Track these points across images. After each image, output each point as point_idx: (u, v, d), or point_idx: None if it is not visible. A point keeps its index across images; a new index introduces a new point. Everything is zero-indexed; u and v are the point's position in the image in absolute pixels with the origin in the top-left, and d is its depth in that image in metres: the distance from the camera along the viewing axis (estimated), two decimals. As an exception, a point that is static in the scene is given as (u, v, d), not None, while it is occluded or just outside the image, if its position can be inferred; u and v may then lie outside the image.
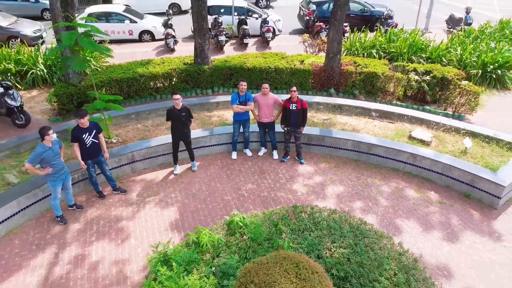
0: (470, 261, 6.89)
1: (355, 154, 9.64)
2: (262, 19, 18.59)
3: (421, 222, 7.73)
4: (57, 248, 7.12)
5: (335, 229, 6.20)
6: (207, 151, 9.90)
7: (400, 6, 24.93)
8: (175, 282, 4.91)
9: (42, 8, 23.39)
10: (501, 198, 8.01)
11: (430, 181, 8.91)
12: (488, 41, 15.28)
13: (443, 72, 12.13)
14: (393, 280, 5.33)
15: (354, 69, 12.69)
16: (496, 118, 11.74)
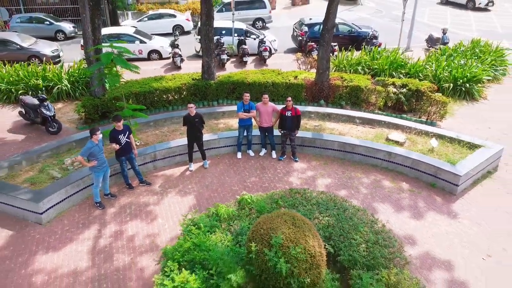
0: (431, 232, 8.66)
1: (341, 153, 11.45)
2: (260, 40, 20.62)
3: (393, 205, 9.51)
4: (99, 226, 8.82)
5: (322, 204, 7.95)
6: (216, 152, 11.68)
7: (385, 26, 27.12)
8: (202, 238, 6.62)
9: (56, 30, 25.36)
10: (459, 185, 9.82)
11: (403, 174, 10.73)
12: (459, 59, 17.33)
13: (417, 85, 14.08)
14: (365, 238, 7.07)
15: (341, 83, 14.60)
16: (462, 124, 13.64)
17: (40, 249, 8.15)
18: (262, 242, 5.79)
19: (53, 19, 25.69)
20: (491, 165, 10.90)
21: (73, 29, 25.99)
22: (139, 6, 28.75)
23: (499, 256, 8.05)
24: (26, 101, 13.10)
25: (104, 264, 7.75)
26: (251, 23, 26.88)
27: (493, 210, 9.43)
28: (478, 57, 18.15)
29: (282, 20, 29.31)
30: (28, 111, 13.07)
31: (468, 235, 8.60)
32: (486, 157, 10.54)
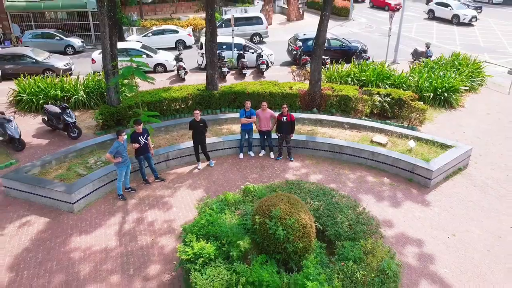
0: (406, 217, 10.18)
1: (331, 153, 13.01)
2: (257, 54, 22.32)
3: (375, 196, 11.04)
4: (122, 214, 10.29)
5: (313, 192, 9.44)
6: (220, 153, 13.20)
7: (374, 40, 28.95)
8: (215, 216, 8.11)
9: (65, 45, 26.98)
10: (432, 179, 11.38)
11: (384, 171, 12.29)
12: (439, 71, 19.06)
13: (400, 94, 15.74)
14: (348, 218, 8.56)
15: (331, 93, 16.23)
16: (440, 129, 15.26)
17: (74, 232, 9.60)
18: (264, 215, 7.29)
19: (62, 34, 27.33)
20: (461, 163, 12.49)
21: (81, 44, 27.63)
22: (144, 22, 30.49)
23: (462, 235, 9.58)
24: (50, 109, 14.62)
25: (129, 243, 9.21)
26: (249, 38, 28.63)
27: (460, 200, 10.99)
28: (457, 69, 19.89)
29: (278, 35, 31.10)
30: (51, 118, 14.57)
31: (437, 220, 10.13)
32: (456, 155, 12.14)
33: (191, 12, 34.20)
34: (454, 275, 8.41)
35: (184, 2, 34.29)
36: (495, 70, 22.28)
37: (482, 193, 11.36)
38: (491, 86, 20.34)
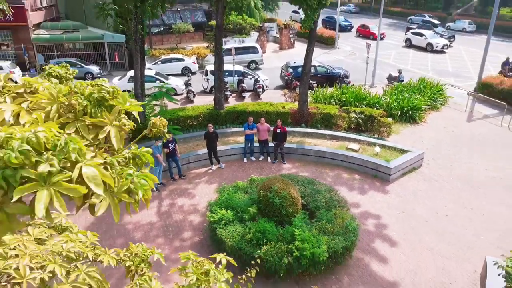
0: (369, 201, 13.75)
1: (315, 158, 16.62)
2: (254, 79, 26.15)
3: (348, 187, 14.62)
4: (158, 200, 13.77)
5: (300, 181, 12.97)
6: (228, 158, 16.76)
7: (357, 66, 32.92)
8: (231, 195, 11.62)
9: (85, 72, 30.64)
10: (391, 175, 15.01)
11: (356, 170, 15.89)
12: (407, 93, 22.96)
13: (371, 112, 19.51)
14: (325, 197, 12.08)
15: (316, 111, 19.94)
16: (404, 139, 18.94)
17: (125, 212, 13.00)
18: (266, 190, 10.83)
19: (82, 63, 31.08)
20: (415, 164, 16.16)
21: (99, 71, 31.33)
22: (153, 51, 34.37)
23: (409, 212, 13.16)
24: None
25: (167, 219, 12.67)
26: (246, 65, 32.52)
27: (411, 189, 14.61)
28: (422, 91, 23.81)
29: (272, 62, 35.07)
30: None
31: (392, 202, 13.72)
32: (410, 158, 15.83)
33: (194, 42, 38.24)
34: (399, 236, 11.95)
35: (187, 33, 38.35)
36: (457, 92, 26.26)
37: (428, 185, 14.99)
38: (451, 105, 24.23)
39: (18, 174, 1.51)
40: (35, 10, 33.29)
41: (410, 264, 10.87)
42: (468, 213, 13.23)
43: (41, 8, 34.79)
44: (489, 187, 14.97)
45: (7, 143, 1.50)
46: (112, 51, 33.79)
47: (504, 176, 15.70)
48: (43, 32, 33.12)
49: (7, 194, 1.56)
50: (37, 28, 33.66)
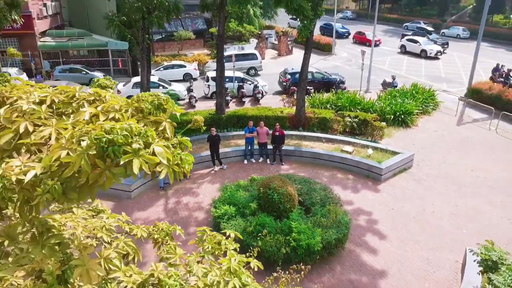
0: (362, 199, 14.75)
1: (312, 159, 17.62)
2: (254, 85, 27.20)
3: (342, 186, 15.61)
4: (165, 199, 14.75)
5: (297, 180, 13.96)
6: (230, 160, 17.76)
7: (353, 72, 34.00)
8: (233, 193, 12.60)
9: (90, 78, 31.61)
10: (382, 175, 16.02)
11: (350, 170, 16.90)
12: (399, 98, 24.02)
13: (365, 116, 20.54)
14: (320, 194, 13.07)
15: (313, 116, 20.96)
16: (396, 142, 19.96)
17: (135, 209, 14.02)
18: (265, 187, 11.83)
19: (87, 69, 32.13)
20: (406, 165, 17.18)
21: (103, 77, 32.30)
22: (155, 58, 35.44)
23: (398, 209, 14.16)
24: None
25: (174, 216, 13.65)
26: (246, 71, 33.58)
27: (401, 188, 15.62)
28: (414, 96, 24.87)
29: (270, 68, 36.14)
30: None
31: (383, 200, 14.72)
32: (401, 159, 16.85)
33: (195, 49, 39.37)
34: (388, 230, 12.95)
35: (188, 40, 39.50)
36: (448, 97, 27.30)
37: (418, 184, 16.01)
38: (443, 109, 25.30)
39: (121, 149, 2.49)
40: (41, 18, 34.33)
41: (398, 255, 11.85)
42: (453, 210, 14.23)
43: (46, 16, 35.82)
44: (474, 186, 15.98)
45: (112, 130, 2.49)
46: (116, 57, 34.84)
47: (488, 176, 16.72)
48: (49, 40, 34.17)
49: (113, 161, 2.56)
50: (43, 35, 34.71)
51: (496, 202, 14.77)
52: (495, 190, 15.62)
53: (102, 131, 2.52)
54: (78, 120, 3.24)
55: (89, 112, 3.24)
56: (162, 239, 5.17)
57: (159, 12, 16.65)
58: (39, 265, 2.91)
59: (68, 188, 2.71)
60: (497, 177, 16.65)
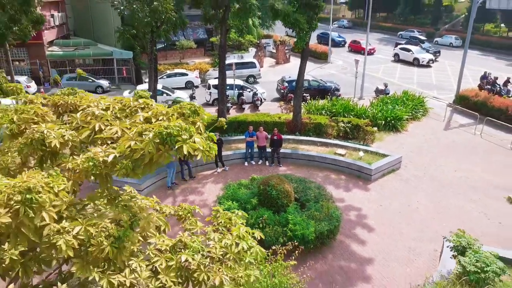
0: (353, 197, 16.14)
1: (307, 161, 19.03)
2: (253, 92, 28.65)
3: (335, 186, 17.01)
4: (172, 197, 16.12)
5: (294, 179, 15.34)
6: (232, 162, 19.14)
7: (347, 80, 35.49)
8: (236, 190, 13.98)
9: (96, 85, 33.09)
10: (372, 175, 17.43)
11: (342, 171, 18.30)
12: (390, 104, 25.49)
13: (357, 121, 21.99)
14: (315, 192, 14.45)
15: (309, 121, 22.39)
16: (386, 146, 21.38)
17: (145, 206, 15.34)
18: (265, 184, 13.21)
19: (93, 77, 33.56)
20: (394, 166, 18.59)
21: (108, 84, 33.80)
22: (158, 66, 36.87)
23: (385, 206, 15.55)
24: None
25: (181, 212, 14.97)
26: (245, 79, 35.07)
27: (389, 188, 17.02)
28: (404, 103, 26.35)
29: (268, 76, 37.65)
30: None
31: (372, 198, 16.11)
32: (390, 161, 18.28)
33: (196, 58, 40.89)
34: (376, 224, 14.33)
35: (190, 49, 41.04)
36: (437, 103, 28.82)
37: (405, 184, 17.42)
38: (432, 115, 26.78)
39: (176, 138, 3.88)
40: (48, 29, 35.82)
41: (384, 245, 13.23)
42: (436, 207, 15.63)
43: (53, 27, 37.33)
44: (457, 185, 17.40)
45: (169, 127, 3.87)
46: (120, 66, 36.32)
47: (470, 176, 18.15)
48: (56, 49, 35.65)
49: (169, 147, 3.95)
50: (50, 45, 36.19)
51: (475, 200, 16.18)
52: (475, 189, 17.04)
53: (162, 127, 3.92)
54: (134, 121, 4.65)
55: (142, 115, 4.65)
56: (185, 215, 6.57)
57: (166, 26, 18.14)
58: (117, 217, 4.30)
59: (136, 166, 4.11)
60: (478, 178, 18.07)
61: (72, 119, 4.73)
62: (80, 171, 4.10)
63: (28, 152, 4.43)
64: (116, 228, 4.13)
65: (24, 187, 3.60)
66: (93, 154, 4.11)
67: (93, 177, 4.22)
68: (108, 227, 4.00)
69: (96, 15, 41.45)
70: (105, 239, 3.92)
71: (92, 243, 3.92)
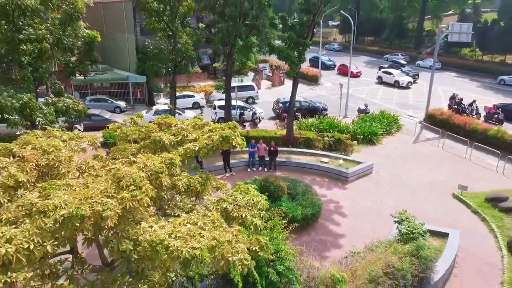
0: (333, 194, 20.78)
1: (298, 168, 23.70)
2: (252, 112, 33.46)
3: (319, 186, 21.65)
4: (192, 195, 20.68)
5: (287, 180, 19.92)
6: (237, 168, 23.76)
7: (335, 101, 40.35)
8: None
9: (115, 106, 37.80)
10: (348, 178, 22.12)
11: (325, 175, 22.95)
12: (368, 122, 30.34)
13: (339, 136, 26.78)
14: (302, 189, 19.03)
15: (299, 136, 27.12)
16: (363, 156, 26.07)
17: (172, 201, 19.88)
18: (265, 181, 17.84)
19: (112, 99, 38.31)
20: (367, 171, 23.29)
21: (125, 105, 38.53)
22: (168, 89, 41.71)
23: (357, 200, 20.20)
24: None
25: (200, 205, 19.55)
26: (245, 99, 39.93)
27: (361, 187, 21.69)
28: (380, 121, 31.23)
29: (265, 97, 42.56)
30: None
31: (347, 194, 20.76)
32: (363, 167, 23.01)
33: (201, 81, 45.87)
34: (349, 213, 18.94)
35: (195, 73, 46.05)
36: (410, 120, 33.70)
37: (374, 185, 22.08)
38: (404, 131, 31.65)
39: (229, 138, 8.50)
40: (72, 56, 40.65)
41: (353, 226, 17.80)
42: (397, 201, 20.25)
43: (75, 54, 42.15)
44: (416, 186, 22.07)
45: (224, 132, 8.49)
46: (135, 89, 41.14)
47: (428, 179, 22.85)
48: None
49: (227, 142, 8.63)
50: (73, 70, 40.95)
51: (429, 196, 20.84)
52: (430, 188, 21.71)
53: (223, 133, 8.58)
54: (203, 131, 9.36)
55: (207, 128, 9.36)
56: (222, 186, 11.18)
57: (186, 61, 22.98)
58: (201, 175, 8.97)
59: (209, 152, 8.78)
60: (434, 180, 22.77)
61: (170, 131, 9.40)
62: (182, 155, 8.71)
63: (151, 146, 9.08)
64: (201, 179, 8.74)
65: (163, 160, 8.26)
66: (184, 149, 8.76)
67: (188, 158, 8.85)
68: (198, 178, 8.60)
69: (110, 43, 46.38)
70: (198, 184, 8.55)
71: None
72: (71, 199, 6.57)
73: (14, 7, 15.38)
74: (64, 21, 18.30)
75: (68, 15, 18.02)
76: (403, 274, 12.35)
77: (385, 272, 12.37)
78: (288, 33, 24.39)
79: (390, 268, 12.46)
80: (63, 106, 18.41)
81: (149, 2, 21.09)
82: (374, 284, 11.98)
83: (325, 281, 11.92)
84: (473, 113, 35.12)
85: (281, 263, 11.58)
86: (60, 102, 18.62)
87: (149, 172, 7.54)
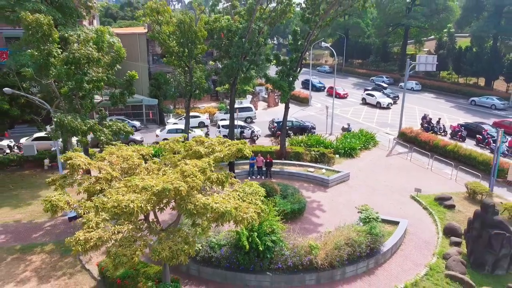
0: (316, 196, 26.34)
1: (289, 176, 29.26)
2: (251, 130, 39.17)
3: (305, 190, 27.19)
4: (205, 197, 26.24)
5: (280, 184, 25.40)
6: (240, 177, 29.13)
7: (323, 120, 46.15)
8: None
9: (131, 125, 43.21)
10: (329, 184, 27.71)
11: (311, 182, 28.51)
12: (349, 139, 36.08)
13: (323, 151, 32.45)
14: (291, 191, 24.53)
15: (291, 151, 32.75)
16: (343, 167, 31.68)
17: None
18: (262, 184, 23.38)
19: (128, 119, 43.90)
20: (345, 178, 28.89)
21: (140, 124, 44.11)
22: (177, 110, 47.46)
23: (336, 200, 25.77)
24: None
25: (212, 204, 25.07)
26: (244, 119, 45.65)
27: (339, 191, 27.27)
28: (359, 138, 36.97)
29: (262, 117, 48.33)
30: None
31: (328, 196, 26.32)
32: (341, 174, 28.63)
33: (205, 103, 51.67)
34: (328, 209, 24.49)
35: (200, 96, 51.96)
36: (386, 137, 39.50)
37: (349, 189, 27.65)
38: (380, 146, 37.38)
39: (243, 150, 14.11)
40: (92, 82, 46.41)
41: (329, 219, 23.28)
42: (366, 200, 25.65)
43: (94, 80, 47.92)
44: (383, 189, 27.66)
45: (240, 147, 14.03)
46: (148, 110, 46.82)
47: (393, 185, 28.46)
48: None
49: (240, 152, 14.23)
50: (92, 94, 46.66)
51: (391, 197, 26.43)
52: (394, 191, 27.32)
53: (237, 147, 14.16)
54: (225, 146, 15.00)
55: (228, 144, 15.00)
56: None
57: (200, 91, 28.72)
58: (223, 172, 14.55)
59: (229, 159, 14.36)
60: (398, 185, 28.39)
61: (203, 145, 14.97)
62: (213, 160, 14.24)
63: (192, 155, 14.61)
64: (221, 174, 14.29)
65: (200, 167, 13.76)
66: (216, 155, 14.32)
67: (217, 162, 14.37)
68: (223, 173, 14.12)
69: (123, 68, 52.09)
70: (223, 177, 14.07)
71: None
72: (159, 182, 12.14)
73: (85, 59, 21.12)
74: (111, 64, 24.08)
75: (114, 59, 23.79)
76: (359, 244, 17.87)
77: (346, 243, 17.89)
78: (281, 67, 30.28)
79: (350, 240, 17.98)
80: (116, 128, 24.00)
81: (171, 46, 26.88)
82: (338, 250, 17.48)
83: (305, 248, 17.41)
84: (441, 131, 41.01)
85: (275, 235, 17.10)
86: (114, 125, 24.23)
87: (199, 168, 13.09)
